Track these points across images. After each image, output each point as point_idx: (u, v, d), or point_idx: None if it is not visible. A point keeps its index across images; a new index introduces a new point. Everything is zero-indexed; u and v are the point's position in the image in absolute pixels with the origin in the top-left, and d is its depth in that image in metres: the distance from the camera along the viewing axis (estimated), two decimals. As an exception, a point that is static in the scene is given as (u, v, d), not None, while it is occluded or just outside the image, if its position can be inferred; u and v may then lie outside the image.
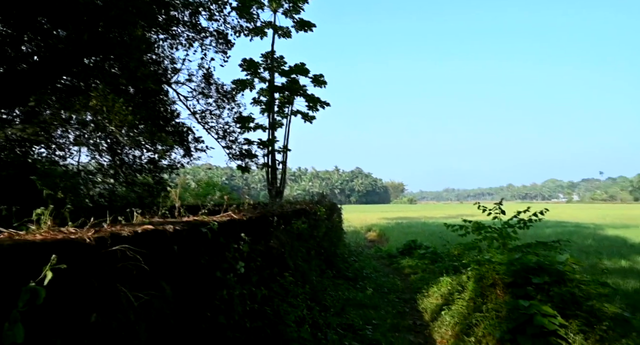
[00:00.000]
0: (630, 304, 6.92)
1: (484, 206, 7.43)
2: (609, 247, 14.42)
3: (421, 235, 17.31)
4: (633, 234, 18.90)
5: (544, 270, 5.52)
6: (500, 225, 7.16)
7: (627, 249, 13.89)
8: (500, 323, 4.91)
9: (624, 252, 13.09)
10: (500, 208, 7.22)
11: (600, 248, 14.26)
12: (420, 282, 8.24)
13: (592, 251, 13.38)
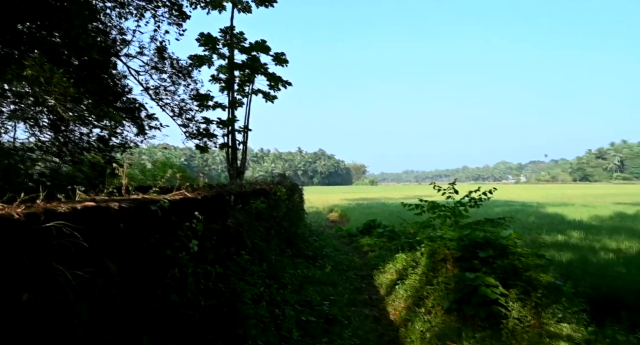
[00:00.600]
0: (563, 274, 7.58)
1: (438, 186, 7.77)
2: (549, 224, 15.61)
3: (381, 215, 17.82)
4: (569, 211, 20.59)
5: (490, 244, 5.89)
6: (453, 204, 7.52)
7: (564, 225, 15.12)
8: (449, 294, 5.23)
9: (561, 227, 14.24)
10: (453, 188, 7.57)
11: (541, 224, 15.40)
12: (377, 259, 8.54)
13: (534, 227, 14.42)
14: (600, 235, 12.25)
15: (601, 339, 4.42)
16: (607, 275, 7.47)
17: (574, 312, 4.92)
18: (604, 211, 20.61)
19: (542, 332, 4.55)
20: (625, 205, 25.11)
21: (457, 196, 7.56)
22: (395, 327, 4.77)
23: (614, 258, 9.00)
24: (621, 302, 6.28)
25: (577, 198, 34.48)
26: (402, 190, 69.06)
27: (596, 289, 6.72)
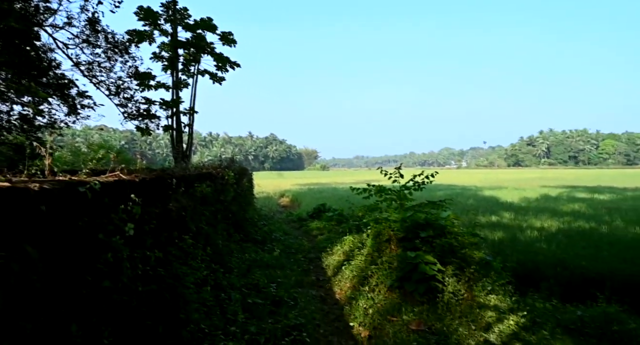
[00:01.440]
0: (494, 251, 8.25)
1: (385, 171, 8.04)
2: (485, 206, 16.83)
3: (331, 200, 18.12)
4: (503, 194, 22.33)
5: (430, 225, 6.24)
6: (398, 188, 7.82)
7: (498, 207, 16.38)
8: (392, 273, 5.49)
9: (495, 209, 15.43)
10: (399, 173, 7.86)
11: (478, 206, 16.57)
12: (326, 242, 8.72)
13: (472, 209, 15.47)
14: (528, 215, 13.40)
15: (522, 307, 4.88)
16: (531, 251, 8.24)
17: (501, 284, 5.40)
18: (532, 193, 22.58)
19: (473, 304, 4.95)
20: (550, 187, 27.73)
21: (402, 180, 7.85)
22: (340, 306, 4.94)
23: (537, 236, 9.92)
24: (541, 274, 6.98)
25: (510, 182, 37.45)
26: (353, 175, 70.58)
27: (521, 264, 7.40)
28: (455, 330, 4.14)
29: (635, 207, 15.20)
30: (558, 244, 8.79)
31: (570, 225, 11.20)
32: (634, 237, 9.09)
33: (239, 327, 3.80)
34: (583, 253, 7.78)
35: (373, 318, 4.35)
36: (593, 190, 24.80)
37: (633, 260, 7.13)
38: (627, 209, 14.59)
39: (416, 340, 3.77)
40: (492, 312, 4.70)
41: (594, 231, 10.14)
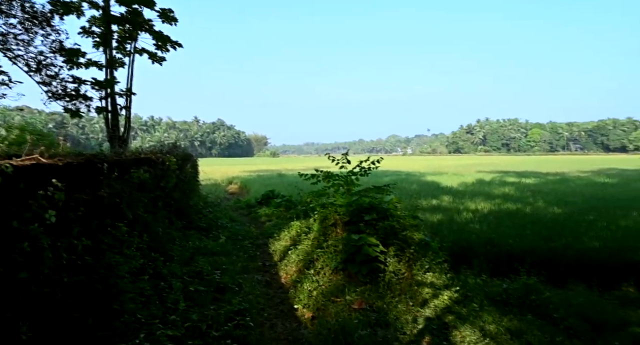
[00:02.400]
0: (434, 232, 8.74)
1: (333, 157, 8.13)
2: (427, 190, 17.73)
3: (280, 186, 18.04)
4: (444, 179, 23.65)
5: (374, 209, 6.45)
6: (345, 173, 7.96)
7: (438, 191, 17.34)
8: (337, 255, 5.63)
9: (436, 193, 16.32)
10: (346, 159, 7.99)
11: (421, 191, 17.41)
12: (273, 228, 8.70)
13: (415, 193, 16.22)
14: (465, 198, 14.32)
15: (456, 282, 5.25)
16: (466, 231, 8.85)
17: (438, 263, 5.74)
18: (469, 179, 24.15)
19: (412, 282, 5.24)
20: (485, 173, 29.86)
21: (349, 166, 7.98)
22: (285, 289, 4.99)
23: (472, 217, 10.66)
24: (474, 252, 7.54)
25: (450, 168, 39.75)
26: (303, 161, 70.79)
27: (457, 243, 7.92)
28: (395, 307, 4.37)
29: (554, 190, 16.89)
30: (489, 224, 9.52)
31: (500, 207, 12.17)
32: (552, 217, 10.11)
33: (179, 315, 3.69)
34: (509, 232, 8.51)
35: (317, 300, 4.45)
36: (521, 175, 27.11)
37: (550, 237, 7.93)
38: (548, 192, 16.16)
39: (357, 318, 3.93)
40: (428, 289, 5.00)
41: (519, 212, 11.11)
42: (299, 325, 4.17)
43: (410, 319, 4.13)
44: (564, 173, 29.10)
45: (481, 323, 4.18)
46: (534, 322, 4.42)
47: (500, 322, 4.22)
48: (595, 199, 13.76)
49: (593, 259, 6.80)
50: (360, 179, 8.00)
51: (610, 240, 7.46)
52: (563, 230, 8.51)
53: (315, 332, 3.73)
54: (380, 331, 3.74)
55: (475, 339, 3.82)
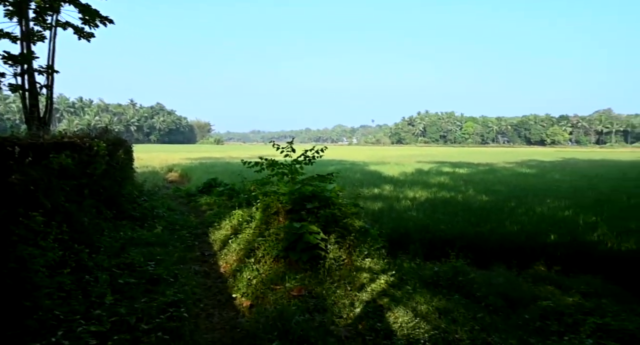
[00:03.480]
0: (374, 220, 9.06)
1: (277, 145, 8.04)
2: (370, 179, 18.30)
3: (224, 174, 17.57)
4: (386, 169, 24.55)
5: (316, 197, 6.50)
6: (290, 162, 7.92)
7: (380, 180, 17.98)
8: (278, 244, 5.61)
9: (378, 182, 16.91)
10: (291, 147, 7.94)
11: (364, 180, 17.92)
12: (215, 217, 8.44)
13: (358, 182, 16.67)
14: (404, 187, 14.99)
15: (392, 267, 5.49)
16: (404, 218, 9.28)
17: (376, 249, 5.97)
18: (409, 168, 25.32)
19: (351, 268, 5.39)
20: (424, 163, 31.52)
21: (294, 155, 7.95)
22: (224, 279, 4.88)
23: (410, 205, 11.21)
24: (411, 238, 7.94)
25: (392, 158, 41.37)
26: (249, 149, 69.43)
27: (395, 230, 8.28)
28: (334, 293, 4.47)
29: (484, 179, 18.31)
30: (425, 211, 10.08)
31: (436, 195, 12.93)
32: (480, 205, 10.96)
33: (105, 309, 3.44)
34: (443, 218, 9.08)
35: (257, 288, 4.42)
36: (455, 165, 29.00)
37: (478, 223, 8.59)
38: (478, 181, 17.48)
39: (296, 304, 3.96)
40: (366, 274, 5.18)
41: (452, 200, 11.90)
42: (236, 314, 4.11)
43: (348, 304, 4.25)
44: (493, 164, 31.64)
45: (414, 304, 4.42)
46: (460, 301, 4.77)
47: (430, 303, 4.49)
48: (517, 187, 15.14)
49: (513, 242, 7.49)
50: (305, 168, 8.01)
51: (527, 225, 8.27)
52: (489, 216, 9.26)
53: (253, 320, 3.70)
54: (317, 316, 3.81)
55: (408, 319, 4.03)
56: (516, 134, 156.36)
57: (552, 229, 7.80)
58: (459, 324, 4.11)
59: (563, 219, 8.76)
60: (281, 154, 7.91)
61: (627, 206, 10.36)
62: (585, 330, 3.90)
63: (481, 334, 3.95)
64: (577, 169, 26.47)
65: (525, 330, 4.21)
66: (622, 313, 4.29)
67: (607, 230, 7.56)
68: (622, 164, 31.33)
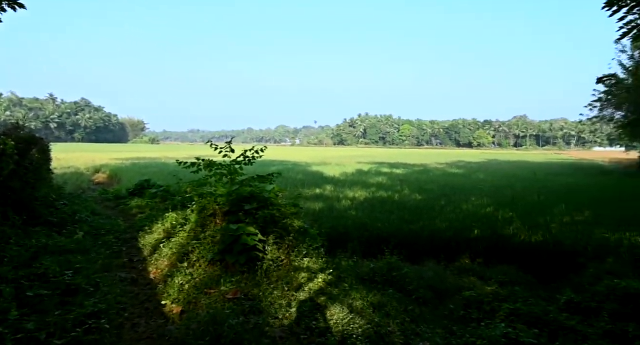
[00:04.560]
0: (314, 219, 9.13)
1: (215, 145, 7.75)
2: (311, 179, 18.46)
3: (158, 175, 16.68)
4: (327, 169, 24.94)
5: (255, 198, 6.40)
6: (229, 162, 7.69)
7: (322, 180, 18.22)
8: (214, 246, 5.42)
9: (320, 182, 17.12)
10: (230, 147, 7.71)
11: (305, 180, 18.03)
12: (146, 220, 7.93)
13: (300, 182, 16.74)
14: (344, 187, 15.33)
15: (331, 265, 5.57)
16: (343, 217, 9.51)
17: (315, 248, 6.01)
18: (349, 169, 25.98)
19: (290, 268, 5.38)
20: (364, 164, 32.54)
21: (233, 155, 7.74)
22: (154, 285, 4.59)
23: (350, 204, 11.51)
24: (349, 236, 8.15)
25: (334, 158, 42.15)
26: (187, 149, 66.44)
27: (335, 229, 8.44)
28: (270, 294, 4.42)
29: (418, 179, 19.39)
30: (364, 210, 10.41)
31: (374, 194, 13.42)
32: (413, 203, 11.58)
33: (8, 326, 3.05)
34: (380, 217, 9.45)
35: (189, 293, 4.22)
36: (393, 165, 30.39)
37: (411, 221, 9.07)
38: (412, 181, 18.45)
39: (230, 307, 3.85)
40: (305, 273, 5.20)
41: (389, 199, 12.43)
42: (166, 322, 3.88)
43: (285, 304, 4.24)
44: (426, 164, 33.65)
45: (350, 300, 4.52)
46: (393, 295, 4.99)
47: (366, 298, 4.63)
48: (447, 186, 16.24)
49: (442, 237, 8.03)
50: (246, 169, 7.85)
51: (454, 222, 8.90)
52: (421, 214, 9.82)
53: (184, 327, 3.52)
54: (253, 318, 3.74)
55: (343, 316, 4.12)
56: (447, 136, 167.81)
57: (476, 225, 8.47)
58: (391, 317, 4.29)
59: (485, 215, 9.56)
60: (219, 154, 7.66)
61: (537, 202, 11.61)
62: (500, 315, 4.29)
63: (411, 325, 4.16)
64: (498, 169, 29.10)
65: (450, 319, 4.52)
66: (530, 298, 4.79)
67: (520, 225, 8.39)
68: (533, 165, 35.04)
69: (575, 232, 7.75)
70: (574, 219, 9.03)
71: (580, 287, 5.28)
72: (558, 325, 3.98)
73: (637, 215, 9.08)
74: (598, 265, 6.12)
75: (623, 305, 4.28)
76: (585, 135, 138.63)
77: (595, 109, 27.74)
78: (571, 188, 15.86)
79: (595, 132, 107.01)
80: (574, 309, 4.54)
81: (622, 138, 32.54)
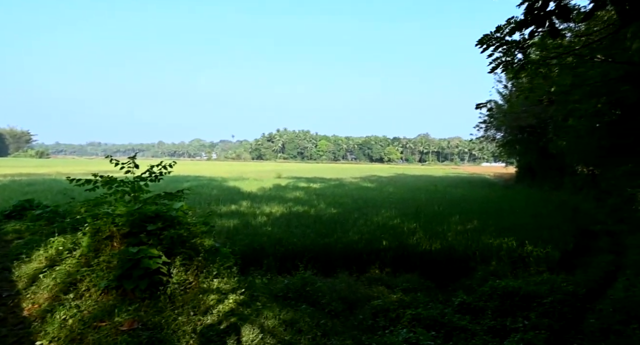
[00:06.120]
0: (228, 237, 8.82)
1: (116, 160, 7.06)
2: (227, 195, 17.90)
3: (46, 194, 14.67)
4: (245, 185, 24.44)
5: (160, 217, 5.95)
6: (133, 179, 7.06)
7: (239, 196, 17.77)
8: (110, 273, 4.87)
9: (236, 198, 16.67)
10: (133, 162, 7.09)
11: (221, 196, 17.42)
12: (24, 247, 6.80)
13: (215, 199, 16.12)
14: (261, 203, 15.17)
15: (243, 285, 5.39)
16: (259, 233, 9.35)
17: (227, 267, 5.77)
18: (268, 184, 25.81)
19: (198, 291, 5.07)
20: (282, 179, 32.64)
21: (137, 171, 7.14)
22: (28, 324, 3.91)
23: (266, 220, 11.39)
24: (265, 253, 8.02)
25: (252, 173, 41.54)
26: (84, 164, 59.59)
27: (250, 246, 8.25)
28: (174, 320, 4.10)
29: (334, 193, 20.04)
30: (280, 226, 10.38)
31: (291, 209, 13.50)
32: (329, 217, 11.91)
33: None
34: (296, 232, 9.51)
35: (73, 329, 3.67)
36: (310, 180, 31.00)
37: (326, 234, 9.30)
38: (329, 195, 19.02)
39: (125, 340, 3.45)
40: (214, 295, 4.94)
41: (306, 213, 12.60)
42: (41, 367, 3.32)
43: (190, 330, 3.95)
44: (342, 179, 35.03)
45: (262, 320, 4.41)
46: (306, 310, 5.00)
47: (279, 316, 4.57)
48: (360, 200, 17.07)
49: (354, 249, 8.36)
50: (156, 186, 7.28)
51: (366, 234, 9.35)
52: (336, 227, 10.13)
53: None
54: (151, 351, 3.41)
55: (254, 337, 3.99)
56: (361, 152, 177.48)
57: (385, 236, 9.02)
58: (303, 333, 4.28)
59: (393, 227, 10.23)
60: (121, 170, 6.99)
61: (437, 213, 12.82)
62: (404, 321, 4.58)
63: (322, 340, 4.20)
64: (405, 183, 31.58)
65: (360, 329, 4.68)
66: (430, 303, 5.21)
67: (422, 234, 9.16)
68: (435, 179, 38.89)
69: (466, 239, 8.70)
70: (466, 227, 10.15)
71: (471, 289, 5.90)
72: (452, 326, 4.38)
73: (513, 223, 10.56)
74: (485, 268, 6.92)
75: (502, 302, 4.90)
76: (476, 153, 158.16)
77: (481, 130, 31.91)
78: (464, 199, 17.85)
79: (482, 150, 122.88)
80: (465, 309, 5.05)
81: (502, 155, 37.90)
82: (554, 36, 2.49)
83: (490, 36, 4.43)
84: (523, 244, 8.05)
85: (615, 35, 5.74)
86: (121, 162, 6.98)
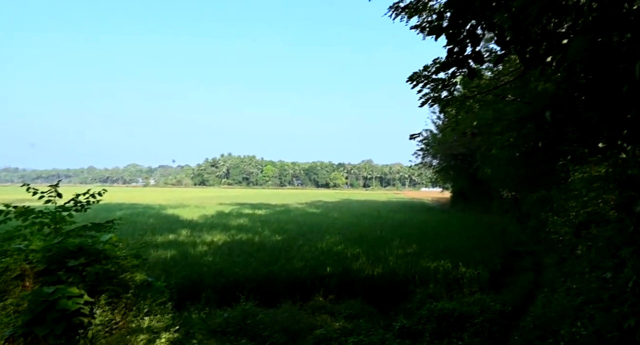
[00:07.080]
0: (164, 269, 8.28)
1: (34, 189, 6.38)
2: (165, 224, 16.91)
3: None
4: (185, 212, 23.30)
5: (84, 251, 5.43)
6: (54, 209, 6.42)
7: (177, 224, 16.86)
8: (17, 318, 4.30)
9: (174, 227, 15.78)
10: (55, 191, 6.46)
11: (158, 225, 16.41)
12: None
13: (151, 228, 15.13)
14: (203, 231, 14.51)
15: (177, 322, 5.05)
16: (199, 264, 8.89)
17: (160, 303, 5.38)
18: (210, 211, 24.86)
19: (126, 331, 4.64)
20: (226, 205, 31.61)
21: (60, 200, 6.52)
22: None
23: (207, 249, 10.88)
24: (204, 284, 7.61)
25: (193, 200, 39.79)
26: None
27: (188, 278, 7.79)
28: (95, 369, 3.69)
29: (279, 219, 19.79)
30: (221, 255, 9.97)
31: (234, 237, 13.06)
32: (273, 244, 11.69)
33: None
34: (238, 261, 9.18)
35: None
36: (255, 206, 30.40)
37: (270, 262, 9.08)
38: (274, 221, 18.75)
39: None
40: (144, 335, 4.57)
41: (249, 241, 12.26)
42: None
43: (113, 379, 3.58)
44: (288, 204, 34.84)
45: (198, 360, 4.13)
46: (246, 345, 4.79)
47: (216, 354, 4.31)
48: (305, 225, 17.03)
49: (298, 277, 8.23)
50: (83, 216, 6.66)
51: (310, 260, 9.29)
52: (280, 255, 9.96)
53: None
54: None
55: (187, 380, 3.71)
56: (307, 177, 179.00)
57: (329, 262, 9.02)
58: (242, 371, 4.07)
59: (337, 252, 10.30)
60: (40, 200, 6.34)
61: (379, 237, 13.17)
62: (346, 350, 4.55)
63: (262, 377, 4.02)
64: (350, 208, 32.20)
65: (301, 362, 4.56)
66: (372, 329, 5.25)
67: (365, 259, 9.32)
68: (378, 204, 40.12)
69: (406, 263, 9.00)
70: (406, 251, 10.52)
71: (410, 312, 6.06)
72: (393, 352, 4.43)
73: (448, 246, 11.17)
74: (423, 291, 7.18)
75: (439, 324, 5.08)
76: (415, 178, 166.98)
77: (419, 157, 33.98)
78: (405, 224, 18.57)
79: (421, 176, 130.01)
80: (405, 333, 5.16)
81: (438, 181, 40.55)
82: (471, 77, 2.78)
83: (419, 74, 4.86)
84: (457, 266, 8.51)
85: (521, 78, 6.55)
86: (41, 190, 6.34)
